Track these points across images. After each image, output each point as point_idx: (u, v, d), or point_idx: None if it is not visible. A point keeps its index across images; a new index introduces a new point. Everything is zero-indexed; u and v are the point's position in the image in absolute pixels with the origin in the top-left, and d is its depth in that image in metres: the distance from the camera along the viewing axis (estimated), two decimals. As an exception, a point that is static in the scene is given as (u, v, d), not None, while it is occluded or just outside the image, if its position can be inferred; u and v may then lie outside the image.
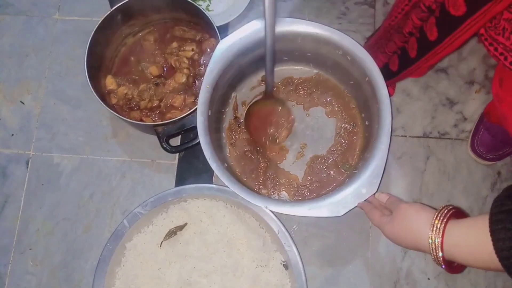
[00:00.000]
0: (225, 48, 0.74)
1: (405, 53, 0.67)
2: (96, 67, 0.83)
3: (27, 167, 0.90)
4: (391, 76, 0.74)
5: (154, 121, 0.83)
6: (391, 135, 0.69)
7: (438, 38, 0.58)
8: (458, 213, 0.53)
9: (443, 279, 0.79)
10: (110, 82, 0.85)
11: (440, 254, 0.51)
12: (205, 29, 0.87)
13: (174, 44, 0.88)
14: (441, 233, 0.51)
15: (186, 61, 0.84)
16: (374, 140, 0.72)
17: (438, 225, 0.51)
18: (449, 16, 0.53)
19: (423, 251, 0.54)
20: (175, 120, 0.77)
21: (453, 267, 0.53)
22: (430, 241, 0.51)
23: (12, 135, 0.92)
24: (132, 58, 0.88)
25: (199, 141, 0.72)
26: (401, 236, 0.57)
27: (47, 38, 0.98)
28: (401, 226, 0.57)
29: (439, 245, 0.50)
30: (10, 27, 0.99)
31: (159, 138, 0.78)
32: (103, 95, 0.83)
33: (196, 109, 0.74)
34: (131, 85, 0.85)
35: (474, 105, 0.87)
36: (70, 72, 0.95)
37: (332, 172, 0.81)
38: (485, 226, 0.46)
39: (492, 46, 0.55)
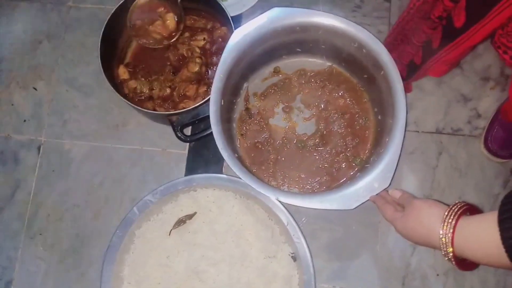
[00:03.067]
0: (239, 37, 0.74)
1: (429, 43, 0.64)
2: (109, 56, 0.83)
3: (39, 153, 0.91)
4: (413, 71, 0.72)
5: (167, 111, 0.83)
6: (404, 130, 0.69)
7: (465, 24, 0.55)
8: (471, 210, 0.52)
9: (452, 275, 0.78)
10: (122, 72, 0.85)
11: (450, 249, 0.50)
12: (216, 18, 0.87)
13: (186, 34, 0.87)
14: (452, 229, 0.50)
15: (198, 51, 0.83)
16: (387, 134, 0.71)
17: (450, 221, 0.51)
18: None
19: (434, 247, 0.53)
20: (190, 109, 0.76)
21: (464, 264, 0.52)
22: (441, 236, 0.51)
23: (24, 121, 0.93)
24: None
25: (211, 131, 0.72)
26: (413, 231, 0.57)
27: (61, 25, 0.98)
28: (414, 222, 0.57)
29: (450, 241, 0.50)
30: (24, 13, 1.00)
31: (173, 127, 0.78)
32: (116, 85, 0.83)
33: (209, 98, 0.73)
34: (142, 79, 0.84)
35: (488, 101, 0.85)
36: (83, 60, 0.96)
37: (343, 166, 0.81)
38: (494, 219, 0.45)
39: (507, 54, 0.53)
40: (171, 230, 0.76)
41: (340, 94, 0.84)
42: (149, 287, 0.75)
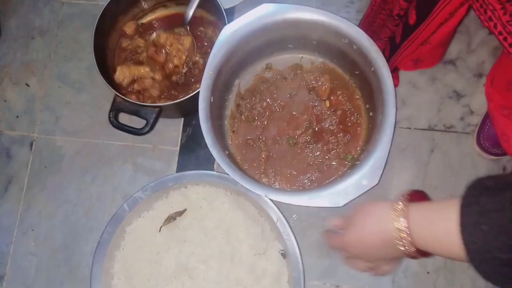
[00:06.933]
0: (229, 33, 0.73)
1: (393, 38, 0.68)
2: (102, 54, 0.82)
3: (31, 149, 0.91)
4: None
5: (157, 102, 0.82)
6: (395, 127, 0.68)
7: (417, 21, 0.59)
8: (419, 196, 0.50)
9: (442, 273, 0.78)
10: (128, 27, 0.86)
11: (408, 237, 0.47)
12: (211, 12, 0.86)
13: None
14: (404, 215, 0.47)
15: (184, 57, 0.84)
16: (377, 131, 0.71)
17: (400, 207, 0.48)
18: None
19: (391, 244, 0.48)
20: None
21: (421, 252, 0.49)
22: (397, 228, 0.47)
23: (17, 117, 0.93)
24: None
25: (149, 128, 0.76)
26: (364, 236, 0.52)
27: (53, 21, 0.98)
28: (361, 225, 0.53)
29: (405, 228, 0.47)
30: (16, 9, 0.99)
31: (111, 107, 0.78)
32: (109, 78, 0.82)
33: (194, 94, 0.73)
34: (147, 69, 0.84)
35: (482, 98, 0.85)
36: (75, 56, 0.95)
37: (334, 163, 0.81)
38: (455, 219, 0.42)
39: (502, 35, 0.54)
40: (161, 226, 0.77)
41: (332, 90, 0.84)
42: (139, 283, 0.75)
